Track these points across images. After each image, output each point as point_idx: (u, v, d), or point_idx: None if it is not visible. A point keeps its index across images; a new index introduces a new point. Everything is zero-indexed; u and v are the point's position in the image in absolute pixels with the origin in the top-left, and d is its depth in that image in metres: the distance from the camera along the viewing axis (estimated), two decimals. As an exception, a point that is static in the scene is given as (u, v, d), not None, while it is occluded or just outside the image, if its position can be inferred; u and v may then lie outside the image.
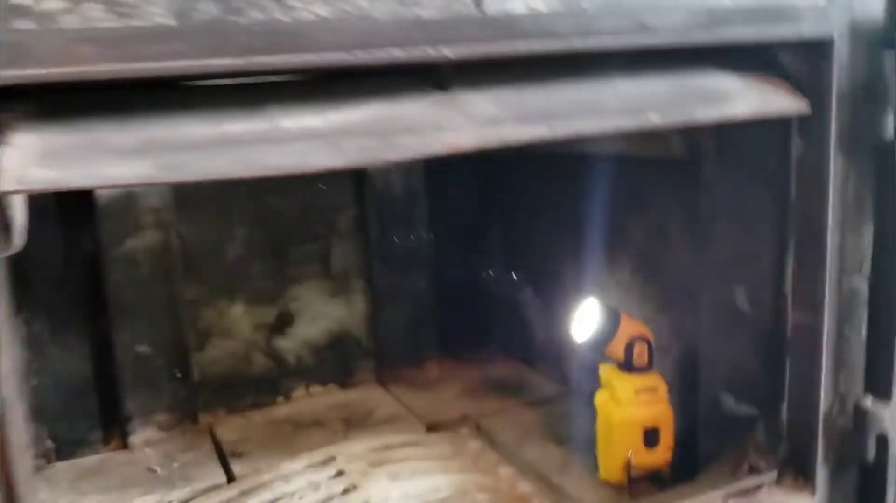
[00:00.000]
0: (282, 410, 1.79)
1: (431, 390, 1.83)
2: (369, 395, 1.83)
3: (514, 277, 1.87)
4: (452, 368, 1.90)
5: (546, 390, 1.80)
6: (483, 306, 1.94)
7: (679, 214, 1.40)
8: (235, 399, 1.74)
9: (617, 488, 1.36)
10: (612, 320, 1.35)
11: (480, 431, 1.65)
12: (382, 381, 1.88)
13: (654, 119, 0.90)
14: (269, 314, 1.78)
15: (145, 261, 1.57)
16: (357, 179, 1.80)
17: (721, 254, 1.24)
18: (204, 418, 1.70)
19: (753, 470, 1.19)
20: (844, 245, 1.07)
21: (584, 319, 1.39)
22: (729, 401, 1.26)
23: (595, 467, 1.38)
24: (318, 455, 1.52)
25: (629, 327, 1.36)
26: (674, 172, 1.38)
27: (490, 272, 1.91)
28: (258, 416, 1.76)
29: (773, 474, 1.16)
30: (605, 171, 1.54)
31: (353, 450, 1.53)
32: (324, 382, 1.86)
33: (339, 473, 1.45)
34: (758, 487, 1.14)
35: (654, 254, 1.48)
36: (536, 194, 1.83)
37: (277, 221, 1.74)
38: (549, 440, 1.56)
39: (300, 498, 1.38)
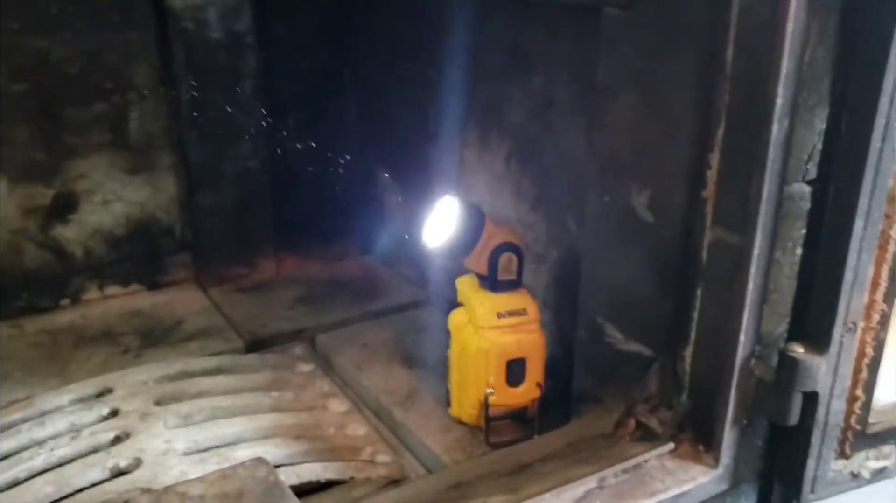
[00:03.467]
0: (65, 317, 1.44)
1: (261, 295, 1.52)
2: (182, 300, 1.49)
3: (372, 158, 1.54)
4: (291, 268, 1.63)
5: (402, 297, 1.51)
6: (333, 192, 1.60)
7: (570, 82, 1.08)
8: (3, 301, 1.42)
9: (471, 429, 1.12)
10: (473, 223, 1.04)
11: (316, 350, 1.36)
12: (202, 282, 1.54)
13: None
14: (43, 195, 1.42)
15: None
16: (158, 13, 1.38)
17: (620, 139, 0.92)
18: (-39, 325, 1.39)
19: (641, 427, 0.91)
20: (792, 137, 0.75)
21: (440, 220, 1.06)
22: (615, 335, 0.97)
23: (448, 398, 1.14)
24: (92, 385, 1.17)
25: (494, 232, 1.04)
26: (567, 23, 1.03)
27: (342, 149, 1.57)
28: (32, 324, 1.42)
29: (666, 438, 0.88)
30: (480, 19, 1.20)
31: (139, 377, 1.18)
32: (125, 282, 1.51)
33: (113, 413, 1.10)
34: (643, 456, 0.86)
35: (535, 135, 1.15)
36: (396, 48, 1.46)
37: (46, 70, 1.35)
38: (397, 362, 1.30)
39: (51, 449, 1.03)
